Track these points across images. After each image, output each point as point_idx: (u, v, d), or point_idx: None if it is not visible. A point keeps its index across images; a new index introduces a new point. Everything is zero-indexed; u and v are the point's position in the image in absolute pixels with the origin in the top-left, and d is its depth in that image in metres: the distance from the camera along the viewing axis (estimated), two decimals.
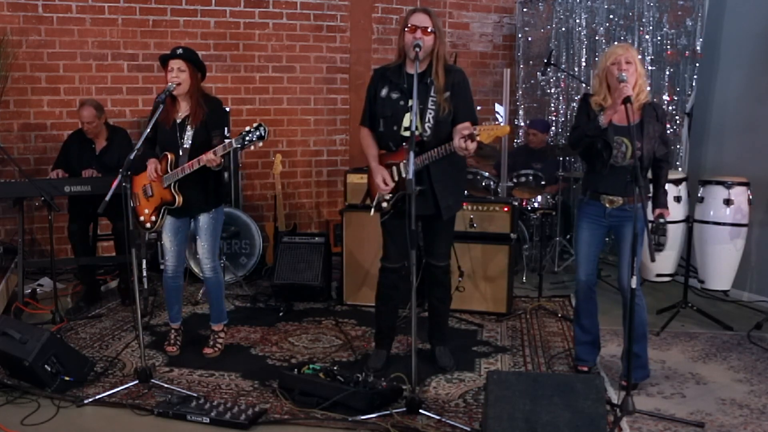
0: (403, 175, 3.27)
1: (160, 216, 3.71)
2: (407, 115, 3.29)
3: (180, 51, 3.60)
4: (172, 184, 3.61)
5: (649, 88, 3.30)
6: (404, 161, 3.24)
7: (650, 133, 3.19)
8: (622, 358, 3.44)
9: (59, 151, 4.94)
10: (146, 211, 3.74)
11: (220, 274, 3.92)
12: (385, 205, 3.40)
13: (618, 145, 3.20)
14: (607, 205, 3.30)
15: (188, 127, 3.62)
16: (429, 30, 3.19)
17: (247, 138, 3.39)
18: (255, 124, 3.41)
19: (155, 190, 3.70)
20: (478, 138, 3.07)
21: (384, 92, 3.35)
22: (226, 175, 5.65)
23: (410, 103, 3.20)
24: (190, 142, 3.61)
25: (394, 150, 3.36)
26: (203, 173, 3.58)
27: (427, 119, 3.23)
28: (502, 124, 3.16)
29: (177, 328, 3.98)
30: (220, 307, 3.95)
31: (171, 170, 3.60)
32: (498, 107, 6.10)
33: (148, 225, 3.74)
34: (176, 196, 3.62)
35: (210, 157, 3.42)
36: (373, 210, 3.48)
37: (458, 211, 3.59)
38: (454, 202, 3.47)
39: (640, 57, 3.27)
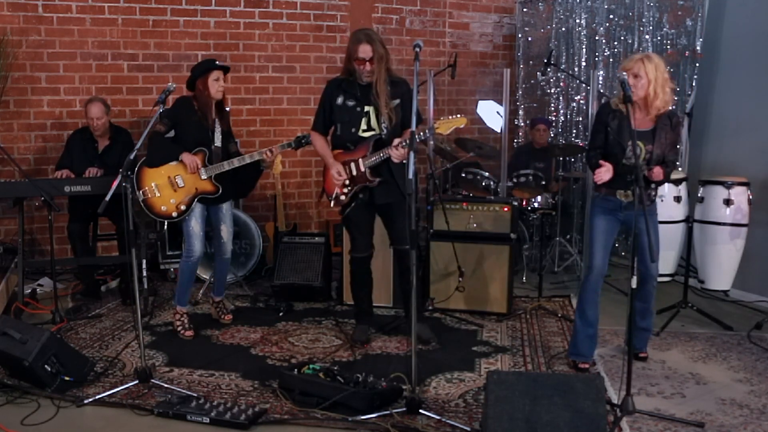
0: (362, 170, 3.73)
1: (192, 205, 4.02)
2: (363, 119, 3.74)
3: (221, 63, 4.05)
4: (212, 176, 4.01)
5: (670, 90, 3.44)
6: (362, 157, 3.72)
7: (662, 140, 3.41)
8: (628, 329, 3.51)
9: (62, 150, 4.94)
10: (172, 200, 3.99)
11: None
12: (343, 198, 3.80)
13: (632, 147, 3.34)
14: (623, 199, 3.47)
15: (217, 129, 4.08)
16: (373, 60, 3.62)
17: (303, 141, 4.15)
18: (305, 133, 4.16)
19: (187, 181, 4.00)
20: (437, 129, 3.56)
21: (340, 101, 3.78)
22: None
23: (366, 108, 3.73)
24: (220, 142, 4.08)
25: (352, 149, 3.77)
26: (240, 168, 4.07)
27: (382, 121, 3.71)
28: (459, 117, 3.59)
29: (189, 312, 4.27)
30: (225, 282, 4.50)
31: (208, 164, 4.01)
32: (498, 107, 6.10)
33: (175, 214, 4.01)
34: (219, 187, 4.04)
35: (276, 152, 4.09)
36: (332, 203, 3.85)
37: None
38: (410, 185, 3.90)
39: (661, 62, 3.37)
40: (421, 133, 3.58)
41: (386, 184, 3.75)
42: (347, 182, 3.77)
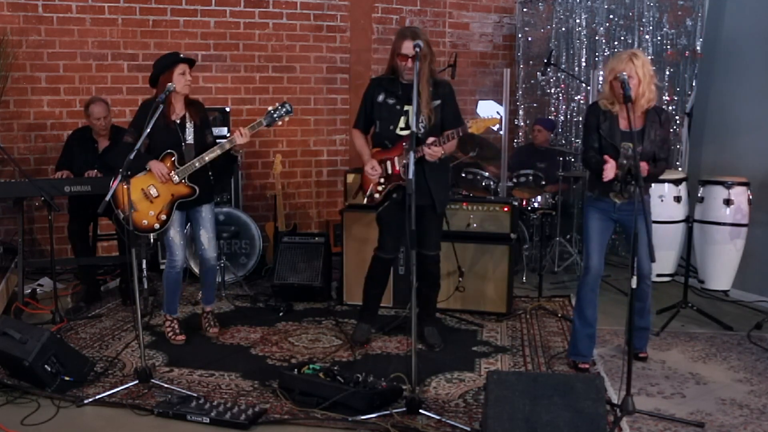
0: (397, 168, 3.69)
1: (172, 212, 3.84)
2: (402, 118, 3.70)
3: (185, 56, 3.84)
4: (186, 178, 3.80)
5: (656, 86, 3.41)
6: (398, 156, 3.68)
7: (652, 137, 3.38)
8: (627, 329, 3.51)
9: (61, 150, 4.93)
10: (151, 213, 3.81)
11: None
12: (377, 196, 3.77)
13: (624, 150, 3.32)
14: (617, 201, 3.43)
15: (188, 125, 3.86)
16: (416, 57, 3.50)
17: (275, 114, 3.78)
18: (280, 103, 3.82)
19: (161, 190, 3.81)
20: (470, 129, 3.50)
21: (381, 98, 3.76)
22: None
23: (405, 107, 3.68)
24: (192, 138, 3.86)
25: (390, 147, 3.75)
26: (211, 164, 3.84)
27: (420, 120, 3.63)
28: (491, 116, 3.57)
29: (179, 318, 4.16)
30: (214, 291, 4.29)
31: (179, 166, 3.79)
32: (498, 107, 6.09)
33: (158, 225, 3.84)
34: (195, 188, 3.83)
35: (245, 133, 3.71)
36: (366, 199, 3.83)
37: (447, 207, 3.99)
38: (445, 197, 3.85)
39: (647, 59, 3.35)
40: (453, 132, 3.56)
41: (418, 187, 3.56)
42: (382, 180, 3.75)
